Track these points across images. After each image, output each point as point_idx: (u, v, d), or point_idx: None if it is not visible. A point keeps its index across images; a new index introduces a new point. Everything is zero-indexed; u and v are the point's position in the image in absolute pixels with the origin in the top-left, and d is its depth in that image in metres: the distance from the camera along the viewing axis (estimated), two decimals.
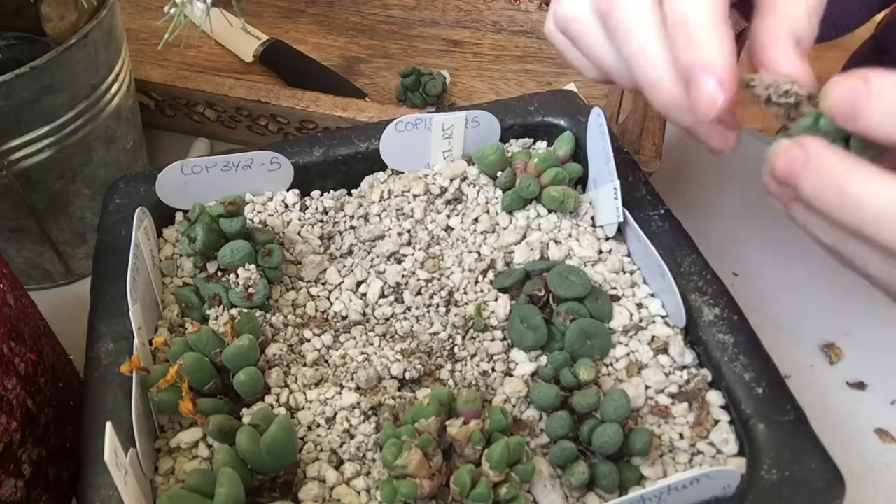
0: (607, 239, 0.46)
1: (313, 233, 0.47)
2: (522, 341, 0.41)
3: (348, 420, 0.38)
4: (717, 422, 0.38)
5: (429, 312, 0.43)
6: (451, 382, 0.40)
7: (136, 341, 0.38)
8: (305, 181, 0.49)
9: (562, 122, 0.51)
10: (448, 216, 0.48)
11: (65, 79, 0.46)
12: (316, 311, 0.44)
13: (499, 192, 0.49)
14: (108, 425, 0.31)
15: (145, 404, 0.37)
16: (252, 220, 0.47)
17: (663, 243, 0.43)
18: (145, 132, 0.60)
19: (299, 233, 0.47)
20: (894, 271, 0.29)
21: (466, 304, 0.44)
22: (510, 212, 0.48)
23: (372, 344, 0.42)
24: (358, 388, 0.39)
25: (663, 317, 0.42)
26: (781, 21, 0.33)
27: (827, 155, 0.28)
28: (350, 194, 0.50)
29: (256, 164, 0.47)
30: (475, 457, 0.35)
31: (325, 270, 0.46)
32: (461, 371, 0.41)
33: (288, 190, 0.49)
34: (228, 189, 0.47)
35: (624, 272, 0.45)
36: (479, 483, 0.33)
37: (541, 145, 0.52)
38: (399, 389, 0.40)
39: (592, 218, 0.47)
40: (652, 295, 0.43)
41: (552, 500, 0.36)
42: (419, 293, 0.44)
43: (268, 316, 0.42)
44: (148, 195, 0.46)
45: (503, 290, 0.44)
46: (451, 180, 0.49)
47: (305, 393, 0.39)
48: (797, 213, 0.32)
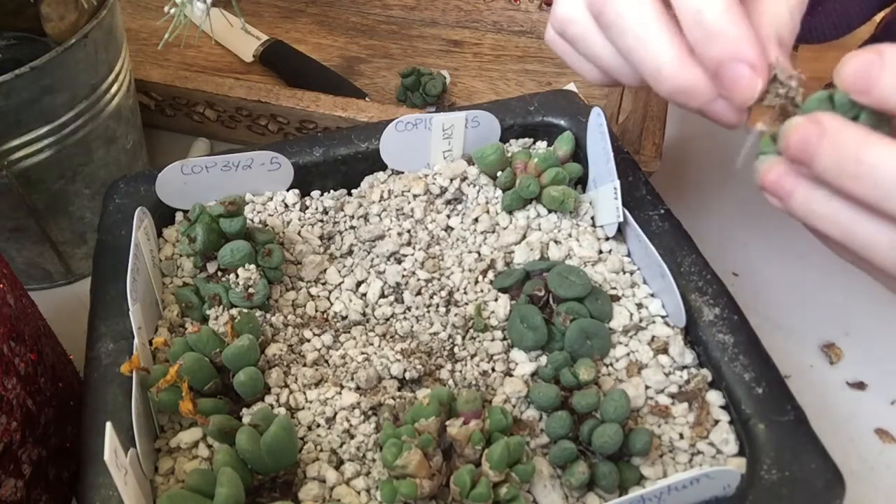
0: (607, 239, 0.46)
1: (313, 233, 0.47)
2: (522, 341, 0.41)
3: (348, 420, 0.38)
4: (717, 422, 0.38)
5: (429, 312, 0.43)
6: (451, 382, 0.40)
7: (136, 341, 0.38)
8: (305, 181, 0.49)
9: (562, 122, 0.51)
10: (448, 216, 0.48)
11: (65, 79, 0.46)
12: (316, 311, 0.44)
13: (499, 192, 0.49)
14: (108, 425, 0.31)
15: (145, 404, 0.37)
16: (252, 220, 0.47)
17: (663, 243, 0.43)
18: (145, 132, 0.60)
19: (299, 233, 0.47)
20: None
21: (466, 304, 0.44)
22: (510, 212, 0.48)
23: (372, 344, 0.42)
24: (358, 388, 0.39)
25: (663, 317, 0.42)
26: (765, 21, 0.33)
27: (843, 127, 0.28)
28: (350, 194, 0.50)
29: (256, 164, 0.47)
30: (475, 457, 0.35)
31: (325, 270, 0.46)
32: (461, 371, 0.41)
33: (288, 190, 0.49)
34: (228, 189, 0.47)
35: (624, 272, 0.45)
36: (479, 483, 0.33)
37: (541, 145, 0.52)
38: (399, 389, 0.40)
39: (592, 218, 0.47)
40: (652, 295, 0.43)
41: (552, 500, 0.36)
42: (419, 293, 0.44)
43: (268, 316, 0.42)
44: (148, 195, 0.46)
45: (503, 290, 0.44)
46: (451, 180, 0.49)
47: (305, 393, 0.39)
48: (797, 205, 0.31)
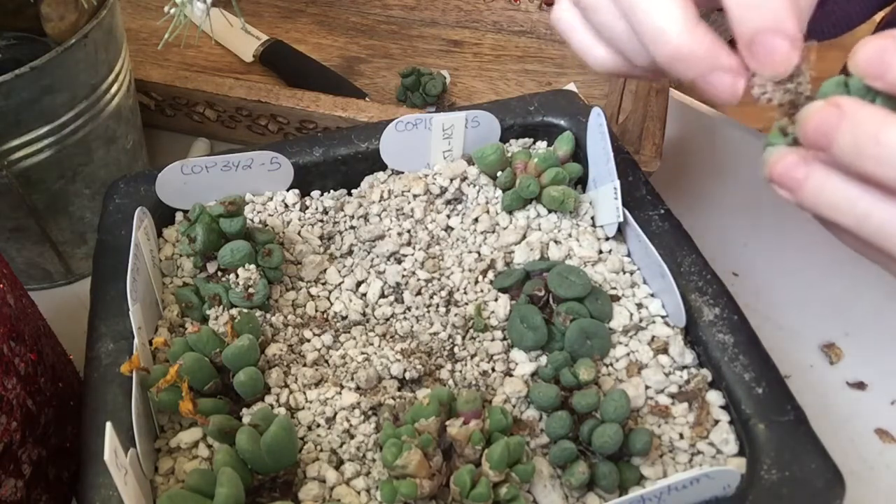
0: (607, 239, 0.46)
1: (313, 233, 0.47)
2: (522, 341, 0.41)
3: (348, 420, 0.38)
4: (717, 422, 0.38)
5: (429, 312, 0.43)
6: (451, 382, 0.40)
7: (136, 341, 0.38)
8: (305, 181, 0.49)
9: (562, 122, 0.51)
10: (448, 216, 0.48)
11: (65, 79, 0.46)
12: (316, 311, 0.44)
13: (499, 192, 0.49)
14: (108, 425, 0.31)
15: (145, 404, 0.37)
16: (252, 220, 0.47)
17: (663, 243, 0.43)
18: (145, 132, 0.60)
19: (299, 233, 0.47)
20: None
21: (466, 304, 0.44)
22: (510, 212, 0.48)
23: (372, 344, 0.42)
24: (358, 388, 0.39)
25: (663, 317, 0.42)
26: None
27: (861, 109, 0.28)
28: (350, 194, 0.50)
29: (256, 164, 0.47)
30: (475, 457, 0.35)
31: (325, 270, 0.46)
32: (461, 371, 0.41)
33: (288, 190, 0.49)
34: (228, 189, 0.47)
35: (624, 272, 0.45)
36: (479, 483, 0.33)
37: (541, 145, 0.52)
38: (399, 389, 0.40)
39: (592, 218, 0.47)
40: (652, 295, 0.43)
41: (552, 500, 0.36)
42: (419, 293, 0.44)
43: (268, 316, 0.42)
44: (148, 195, 0.46)
45: (503, 290, 0.44)
46: (451, 180, 0.49)
47: (305, 393, 0.39)
48: (809, 194, 0.31)
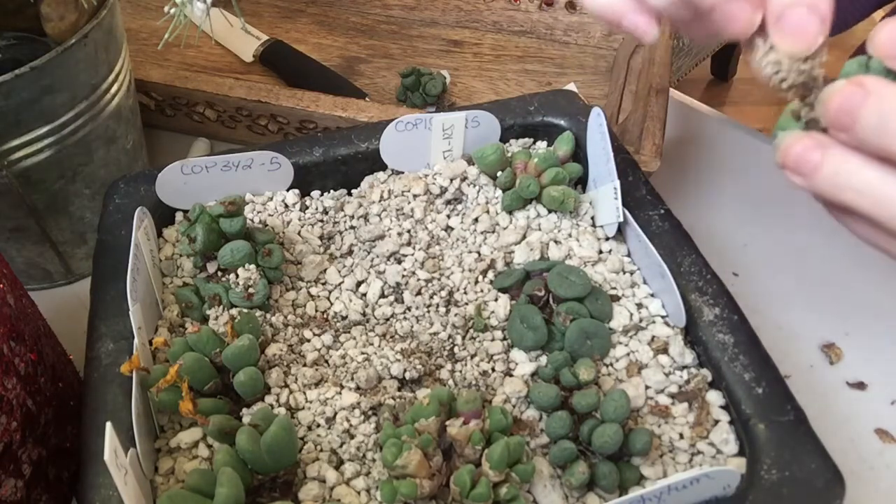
0: (607, 239, 0.46)
1: (313, 233, 0.47)
2: (522, 341, 0.41)
3: (348, 420, 0.38)
4: (717, 422, 0.38)
5: (429, 312, 0.43)
6: (451, 382, 0.40)
7: (136, 341, 0.38)
8: (305, 181, 0.49)
9: (562, 122, 0.51)
10: (448, 216, 0.48)
11: (65, 79, 0.46)
12: (316, 311, 0.44)
13: (499, 192, 0.49)
14: (108, 425, 0.31)
15: (145, 404, 0.37)
16: (252, 220, 0.47)
17: (663, 243, 0.43)
18: (145, 132, 0.60)
19: (299, 233, 0.47)
20: None
21: (466, 304, 0.44)
22: (510, 212, 0.48)
23: (372, 344, 0.42)
24: (358, 388, 0.39)
25: (663, 317, 0.42)
26: None
27: (886, 87, 0.28)
28: (350, 194, 0.50)
29: (256, 164, 0.47)
30: (475, 457, 0.35)
31: (325, 270, 0.46)
32: (461, 371, 0.41)
33: (288, 190, 0.49)
34: (228, 189, 0.47)
35: (624, 272, 0.45)
36: (479, 483, 0.33)
37: (541, 145, 0.52)
38: (399, 389, 0.40)
39: (592, 218, 0.47)
40: (652, 295, 0.43)
41: (552, 500, 0.36)
42: (419, 293, 0.44)
43: (268, 316, 0.42)
44: (148, 195, 0.46)
45: (503, 290, 0.44)
46: (451, 180, 0.49)
47: (305, 393, 0.39)
48: (824, 178, 0.30)
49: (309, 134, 0.63)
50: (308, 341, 0.42)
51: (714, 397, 0.38)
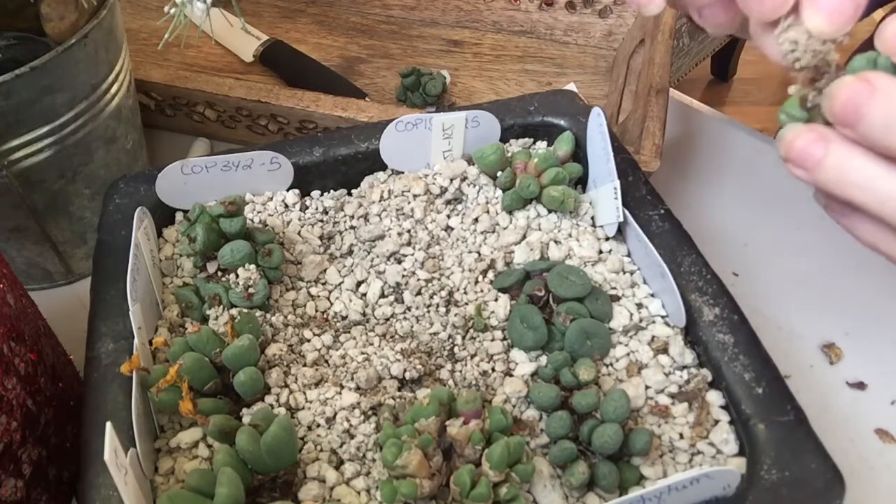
0: (607, 239, 0.46)
1: (313, 233, 0.47)
2: (522, 341, 0.41)
3: (348, 420, 0.38)
4: (717, 422, 0.38)
5: (429, 312, 0.43)
6: (451, 382, 0.40)
7: (136, 341, 0.38)
8: (305, 181, 0.49)
9: (562, 122, 0.51)
10: (448, 216, 0.48)
11: (65, 79, 0.46)
12: (316, 311, 0.44)
13: (499, 192, 0.49)
14: (108, 425, 0.31)
15: (145, 404, 0.37)
16: (252, 220, 0.47)
17: (663, 243, 0.43)
18: (145, 132, 0.60)
19: (299, 233, 0.47)
20: None
21: (466, 304, 0.44)
22: (510, 212, 0.48)
23: (372, 344, 0.42)
24: (358, 388, 0.39)
25: (663, 317, 0.42)
26: None
27: (894, 84, 0.28)
28: (350, 194, 0.50)
29: (256, 164, 0.47)
30: (475, 457, 0.35)
31: (325, 270, 0.46)
32: (461, 371, 0.41)
33: (288, 190, 0.49)
34: (228, 189, 0.47)
35: (624, 272, 0.45)
36: (479, 483, 0.33)
37: (541, 145, 0.52)
38: (399, 389, 0.40)
39: (592, 218, 0.47)
40: (652, 295, 0.43)
41: (552, 500, 0.36)
42: (419, 293, 0.44)
43: (268, 316, 0.42)
44: (148, 195, 0.46)
45: (503, 290, 0.44)
46: (451, 180, 0.49)
47: (305, 393, 0.39)
48: (828, 173, 0.30)
49: (309, 134, 0.63)
50: (308, 341, 0.42)
51: (714, 397, 0.38)
